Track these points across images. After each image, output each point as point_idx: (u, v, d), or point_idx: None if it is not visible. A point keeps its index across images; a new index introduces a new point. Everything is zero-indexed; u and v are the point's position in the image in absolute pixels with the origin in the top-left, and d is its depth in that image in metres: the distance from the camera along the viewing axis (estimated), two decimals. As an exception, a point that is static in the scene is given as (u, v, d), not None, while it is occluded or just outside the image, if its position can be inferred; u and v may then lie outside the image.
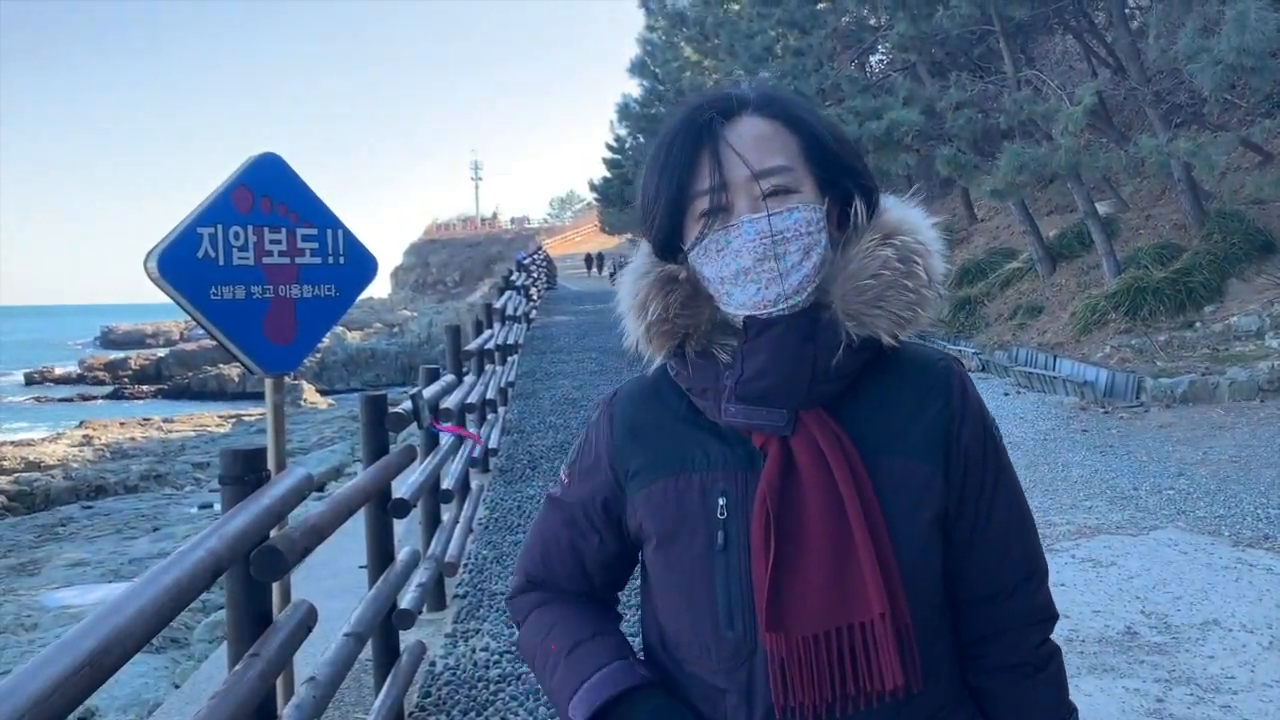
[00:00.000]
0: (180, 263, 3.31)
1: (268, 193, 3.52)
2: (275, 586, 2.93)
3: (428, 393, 5.06)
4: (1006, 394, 12.88)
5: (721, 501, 1.19)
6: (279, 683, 2.83)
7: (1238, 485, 7.72)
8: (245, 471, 2.52)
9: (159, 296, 3.35)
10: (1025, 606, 1.26)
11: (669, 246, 1.23)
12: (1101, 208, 16.24)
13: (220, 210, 3.42)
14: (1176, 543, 6.42)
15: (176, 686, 7.91)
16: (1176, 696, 4.23)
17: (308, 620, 2.64)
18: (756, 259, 1.16)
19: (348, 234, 3.72)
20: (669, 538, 1.22)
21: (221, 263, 3.39)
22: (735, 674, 1.18)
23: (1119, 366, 12.27)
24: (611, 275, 39.38)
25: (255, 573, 2.42)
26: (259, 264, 3.48)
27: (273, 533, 2.52)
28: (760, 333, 1.18)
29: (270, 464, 2.94)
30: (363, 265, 3.77)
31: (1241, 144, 14.52)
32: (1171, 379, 11.45)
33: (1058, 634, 4.14)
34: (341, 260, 3.68)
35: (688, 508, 1.21)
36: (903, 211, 1.25)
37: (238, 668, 2.28)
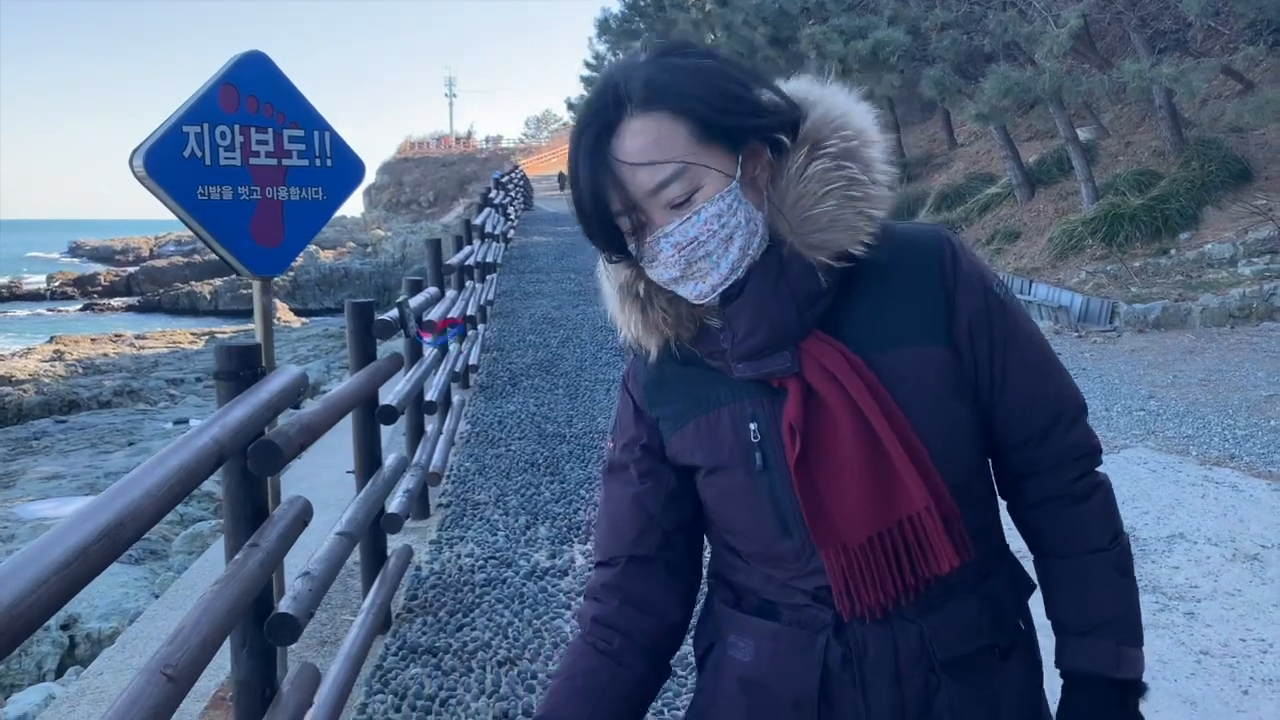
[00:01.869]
0: (167, 161, 3.28)
1: (254, 92, 3.47)
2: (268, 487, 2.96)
3: (413, 303, 5.06)
4: (982, 318, 12.99)
5: (753, 426, 1.23)
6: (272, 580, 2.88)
7: (1206, 407, 7.88)
8: (240, 367, 2.53)
9: (128, 211, 3.33)
10: (1056, 448, 1.28)
11: (619, 246, 1.22)
12: (1082, 134, 16.23)
13: (206, 108, 3.37)
14: (1146, 461, 6.56)
15: (156, 596, 7.99)
16: (1143, 604, 4.35)
17: (304, 515, 2.67)
18: (683, 267, 1.18)
19: (335, 136, 3.68)
20: (712, 469, 1.27)
21: (208, 163, 3.36)
22: (806, 577, 1.24)
23: (1094, 292, 12.39)
24: None
25: (253, 466, 2.45)
26: (246, 165, 3.45)
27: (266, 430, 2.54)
28: (735, 295, 1.20)
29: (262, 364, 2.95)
30: (350, 168, 3.73)
31: (1223, 71, 14.50)
32: (1145, 305, 11.58)
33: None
34: (329, 163, 3.65)
35: (723, 438, 1.25)
36: (826, 104, 1.22)
37: (238, 556, 2.32)
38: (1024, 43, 13.47)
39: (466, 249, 10.24)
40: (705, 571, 1.42)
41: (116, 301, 45.84)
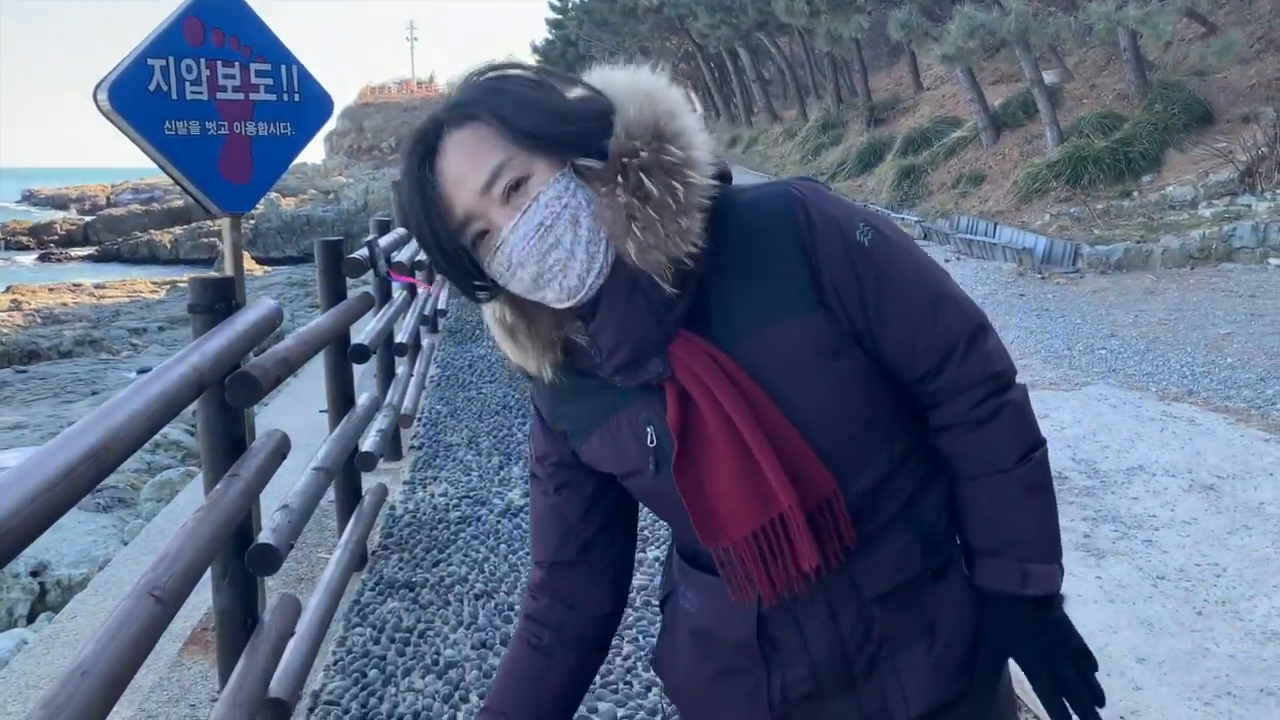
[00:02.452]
0: (132, 94, 3.23)
1: (220, 25, 3.41)
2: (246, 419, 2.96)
3: (382, 242, 5.03)
4: (947, 260, 13.08)
5: (650, 430, 1.24)
6: (251, 514, 2.90)
7: (1165, 346, 8.03)
8: (215, 300, 2.53)
9: (83, 159, 3.28)
10: (953, 378, 1.26)
11: (483, 282, 1.22)
12: (1047, 77, 16.26)
13: (171, 41, 3.32)
14: (1106, 397, 6.70)
15: (125, 543, 7.99)
16: (1103, 533, 4.50)
17: (282, 448, 2.69)
18: (538, 260, 1.15)
19: (302, 70, 3.63)
20: (626, 473, 1.30)
21: (174, 96, 3.31)
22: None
23: (1058, 234, 12.51)
24: None
25: (230, 398, 2.46)
26: (213, 99, 3.40)
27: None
28: (593, 313, 1.20)
29: (235, 299, 2.94)
30: (318, 104, 3.70)
31: (1187, 14, 14.54)
32: (1107, 246, 11.72)
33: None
34: (297, 98, 3.61)
35: (625, 444, 1.26)
36: (627, 107, 1.18)
37: (219, 486, 2.34)
38: (991, -16, 13.44)
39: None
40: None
41: (74, 251, 45.02)
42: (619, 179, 1.15)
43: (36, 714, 1.37)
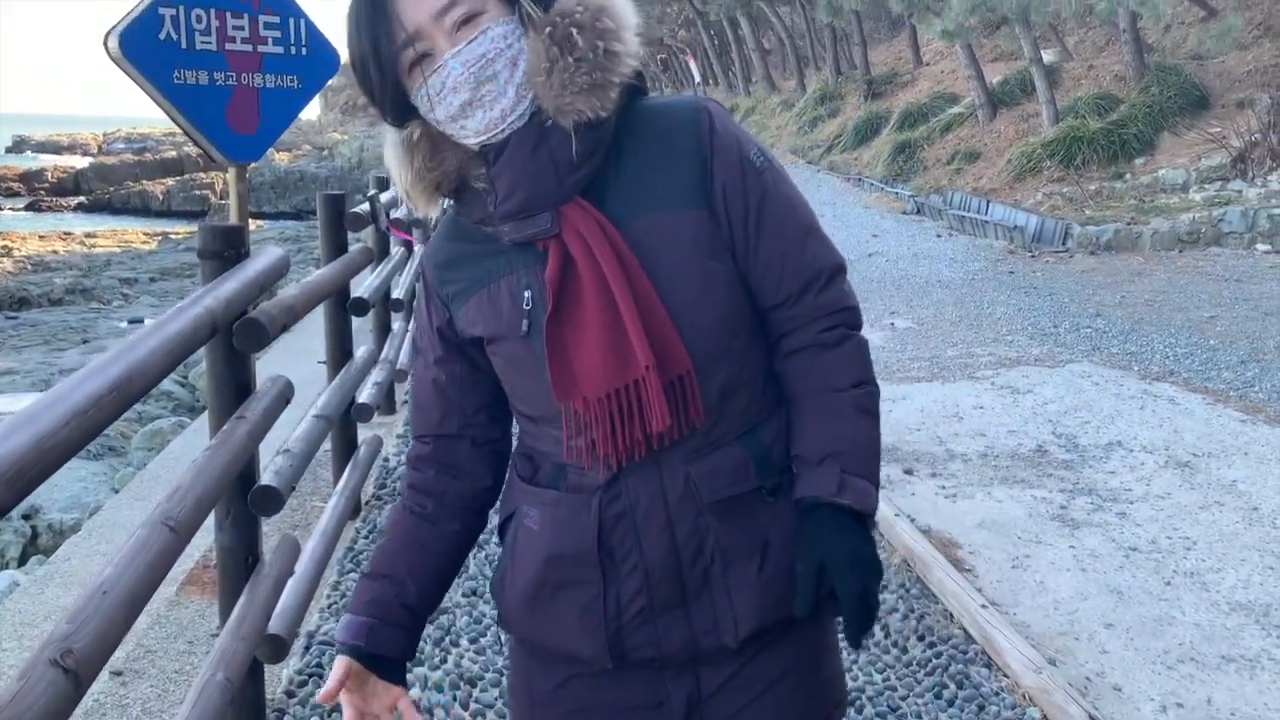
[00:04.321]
0: (142, 42, 3.27)
1: (230, -25, 3.45)
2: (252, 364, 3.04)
3: (383, 198, 5.09)
4: (939, 236, 13.18)
5: (527, 294, 1.31)
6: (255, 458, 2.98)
7: (1150, 326, 8.15)
8: (225, 247, 2.59)
9: (74, 108, 3.35)
10: (810, 306, 1.35)
11: (401, 109, 1.28)
12: (1047, 55, 16.28)
13: (181, -9, 3.36)
14: (1089, 375, 6.81)
15: (116, 491, 8.07)
16: (1079, 505, 4.62)
17: (286, 393, 2.77)
18: (473, 87, 1.22)
19: (310, 24, 3.68)
20: (495, 336, 1.35)
21: (184, 46, 3.36)
22: (578, 435, 1.32)
23: (1049, 213, 12.59)
24: None
25: (238, 344, 2.53)
26: (222, 50, 3.45)
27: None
28: (498, 156, 1.26)
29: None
30: (325, 58, 3.74)
31: (1188, -3, 14.59)
32: (1098, 227, 11.81)
33: (974, 449, 4.48)
34: (304, 51, 3.66)
35: (501, 307, 1.33)
36: None
37: (226, 427, 2.42)
38: (994, -40, 13.43)
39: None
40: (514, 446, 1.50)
41: (65, 200, 44.72)
42: (555, 30, 1.23)
43: (63, 626, 1.46)
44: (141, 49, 3.26)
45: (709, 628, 1.35)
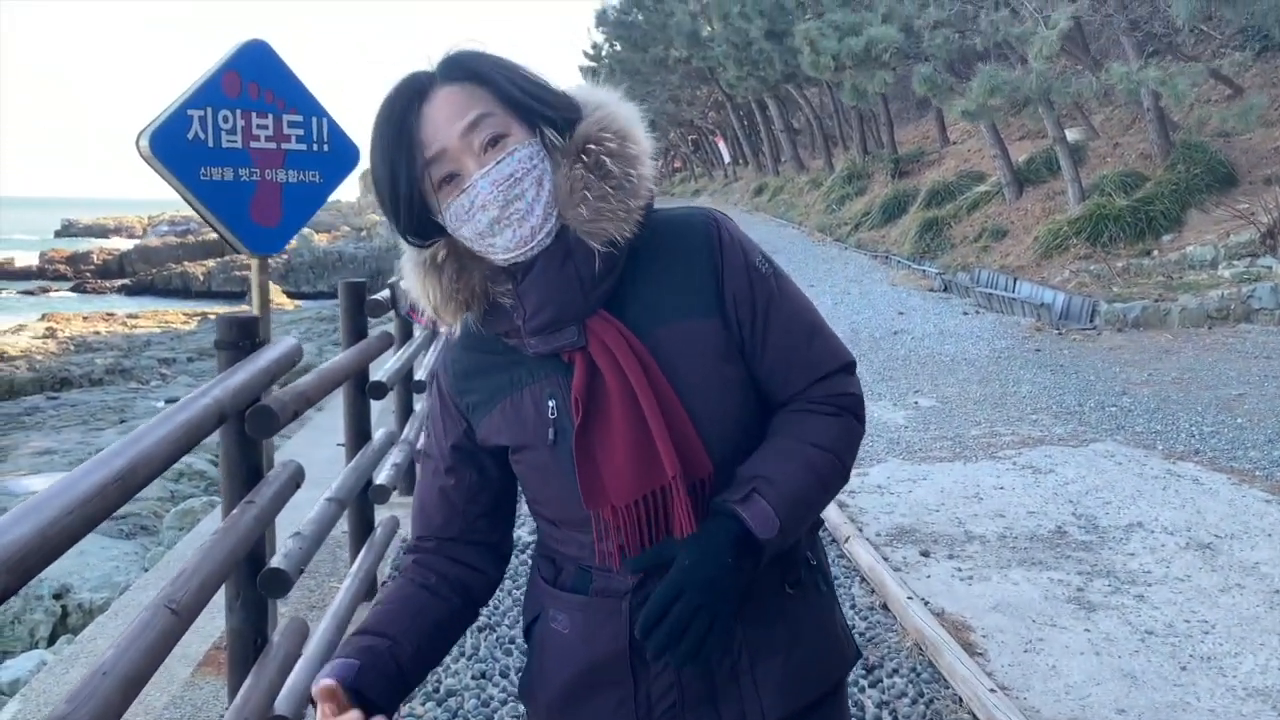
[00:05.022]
0: (171, 142, 3.44)
1: (256, 78, 3.63)
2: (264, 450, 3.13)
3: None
4: (966, 314, 13.19)
5: (551, 404, 1.36)
6: (265, 539, 3.06)
7: (1177, 404, 8.09)
8: (240, 337, 2.71)
9: (120, 191, 3.49)
10: (816, 390, 1.42)
11: (423, 227, 1.34)
12: (1072, 134, 16.42)
13: (210, 94, 3.54)
14: (1113, 454, 6.77)
15: (146, 570, 8.18)
16: (1096, 587, 4.58)
17: (296, 477, 2.86)
18: (501, 205, 1.28)
19: (332, 123, 3.85)
20: (521, 445, 1.40)
21: (211, 144, 3.52)
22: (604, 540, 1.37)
23: (1076, 291, 12.59)
24: None
25: (250, 430, 2.63)
26: (247, 148, 3.62)
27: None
28: (526, 273, 1.32)
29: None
30: (346, 153, 3.91)
31: (1212, 76, 14.70)
32: (1125, 304, 11.79)
33: (993, 530, 4.49)
34: (325, 148, 3.82)
35: (525, 416, 1.38)
36: (593, 107, 1.36)
37: (235, 511, 2.50)
38: (1015, 43, 13.66)
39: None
40: (533, 545, 1.55)
41: (109, 282, 45.83)
42: (581, 157, 1.31)
43: (61, 707, 1.53)
44: (170, 148, 3.43)
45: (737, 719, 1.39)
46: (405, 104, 1.30)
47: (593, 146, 1.31)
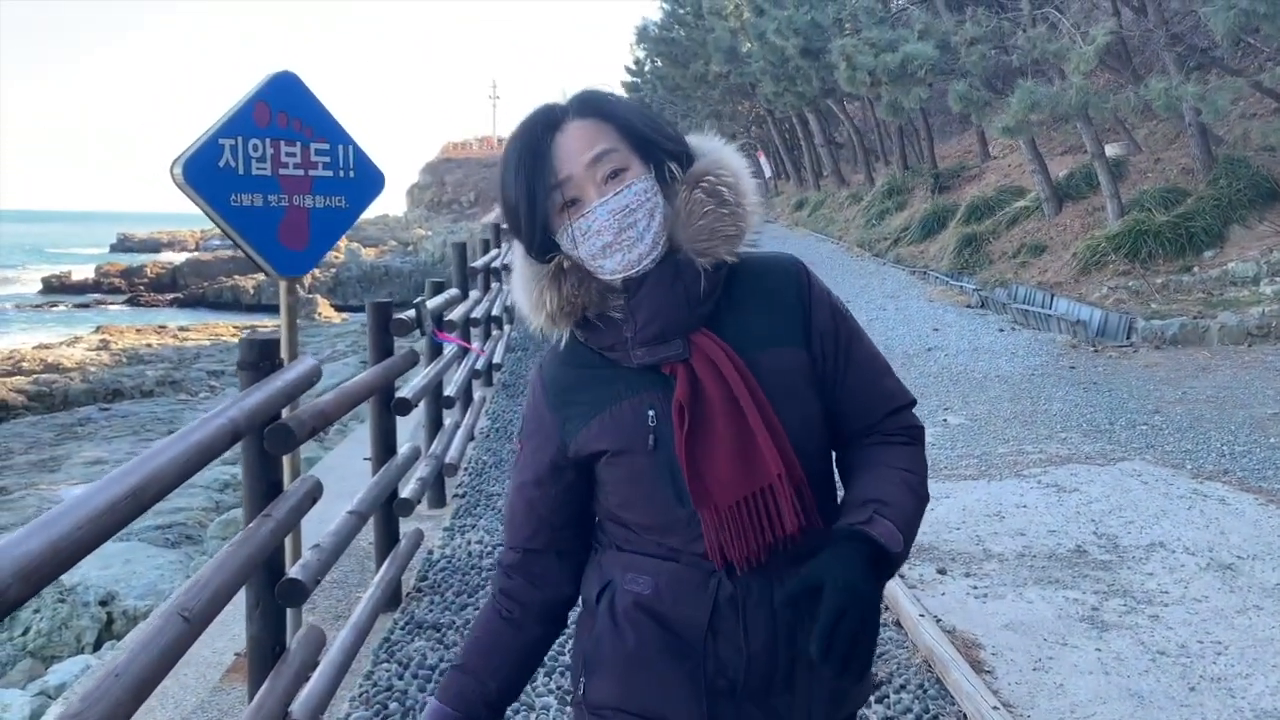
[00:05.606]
0: (203, 170, 3.61)
1: (285, 108, 3.80)
2: (286, 465, 3.27)
3: (431, 303, 5.37)
4: (1001, 330, 13.13)
5: (651, 414, 1.50)
6: (287, 544, 3.20)
7: (1209, 423, 8.03)
8: (260, 358, 2.85)
9: (174, 205, 3.66)
10: (886, 423, 1.59)
11: (544, 245, 1.50)
12: (1113, 149, 16.29)
13: (241, 123, 3.71)
14: (1139, 473, 6.75)
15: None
16: (1111, 606, 4.59)
17: (314, 492, 2.99)
18: (616, 233, 1.45)
19: (357, 150, 4.00)
20: (617, 452, 1.53)
21: (241, 172, 3.69)
22: (694, 541, 1.50)
23: (1114, 307, 12.49)
24: None
25: (268, 446, 2.77)
26: (275, 175, 3.78)
27: (284, 412, 2.86)
28: (638, 289, 1.48)
29: (284, 356, 3.27)
30: (371, 179, 4.06)
31: (1255, 89, 14.52)
32: (1163, 321, 11.68)
33: (1012, 548, 4.55)
34: (351, 174, 3.97)
35: (625, 425, 1.52)
36: (708, 153, 1.54)
37: (251, 524, 2.64)
38: (1053, 58, 13.60)
39: (492, 252, 10.57)
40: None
41: (162, 296, 46.80)
42: (700, 184, 1.48)
43: (75, 705, 1.66)
44: (202, 175, 3.60)
45: None
46: (540, 133, 1.47)
47: (710, 178, 1.49)
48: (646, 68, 39.76)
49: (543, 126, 1.48)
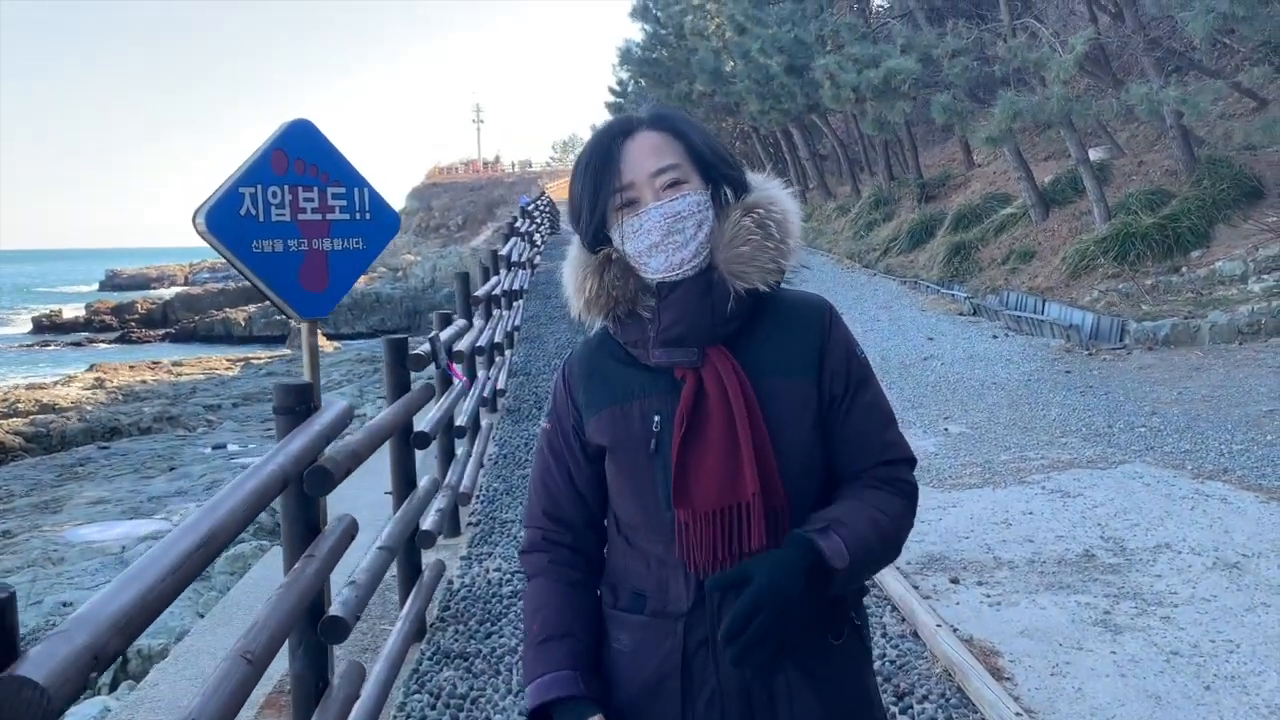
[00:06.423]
0: (225, 219, 3.70)
1: (301, 155, 3.89)
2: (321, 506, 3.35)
3: (444, 335, 5.47)
4: (995, 337, 13.26)
5: (656, 418, 1.60)
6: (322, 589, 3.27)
7: (1206, 423, 8.15)
8: (297, 403, 2.94)
9: (160, 240, 3.75)
10: (880, 471, 1.64)
11: (598, 238, 1.61)
12: (1097, 153, 16.49)
13: (259, 172, 3.80)
14: (1141, 475, 6.86)
15: (200, 615, 8.43)
16: (1122, 609, 4.69)
17: (350, 530, 3.07)
18: (663, 235, 1.55)
19: (373, 193, 4.09)
20: (618, 447, 1.64)
21: (261, 219, 3.77)
22: (671, 544, 1.59)
23: (1105, 310, 12.64)
24: None
25: (308, 489, 2.85)
26: (294, 220, 3.87)
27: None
28: (670, 292, 1.58)
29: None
30: (386, 220, 4.15)
31: (1234, 89, 14.73)
32: (1155, 322, 11.83)
33: (1021, 555, 4.66)
34: (367, 216, 4.06)
35: (630, 425, 1.62)
36: (764, 188, 1.65)
37: (297, 565, 2.72)
38: (1034, 67, 13.80)
39: (493, 279, 10.67)
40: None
41: (153, 331, 46.77)
42: (751, 213, 1.58)
43: (160, 750, 1.73)
44: (225, 225, 3.69)
45: None
46: (613, 138, 1.60)
47: (760, 210, 1.59)
48: (630, 89, 39.98)
49: (617, 132, 1.61)
